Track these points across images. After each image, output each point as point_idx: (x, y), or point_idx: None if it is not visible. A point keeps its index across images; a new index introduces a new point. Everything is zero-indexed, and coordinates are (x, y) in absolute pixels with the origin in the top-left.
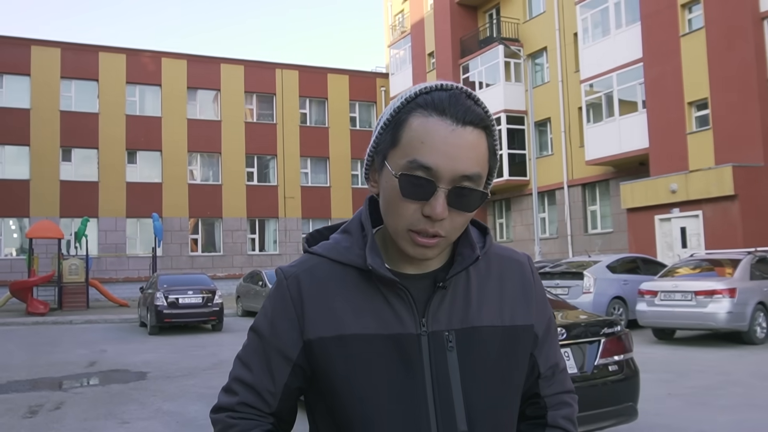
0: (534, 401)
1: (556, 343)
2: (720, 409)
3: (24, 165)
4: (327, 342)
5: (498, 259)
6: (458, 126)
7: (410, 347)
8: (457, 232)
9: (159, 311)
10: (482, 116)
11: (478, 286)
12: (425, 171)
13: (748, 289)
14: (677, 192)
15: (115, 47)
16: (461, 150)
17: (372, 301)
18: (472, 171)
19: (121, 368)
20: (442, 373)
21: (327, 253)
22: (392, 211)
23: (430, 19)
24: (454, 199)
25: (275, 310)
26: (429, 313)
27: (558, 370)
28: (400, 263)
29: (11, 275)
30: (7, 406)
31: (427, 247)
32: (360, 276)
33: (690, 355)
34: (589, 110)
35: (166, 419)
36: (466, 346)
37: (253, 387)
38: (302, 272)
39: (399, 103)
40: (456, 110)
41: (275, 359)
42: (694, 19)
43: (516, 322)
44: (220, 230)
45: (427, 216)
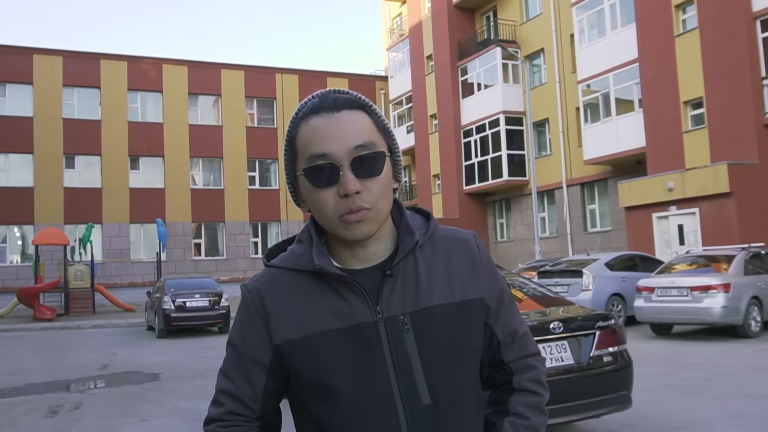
0: (500, 368)
1: (512, 311)
2: (712, 398)
3: (28, 172)
4: (293, 344)
5: (443, 241)
6: (333, 113)
7: (369, 334)
8: (380, 201)
9: (167, 315)
10: (352, 99)
11: (426, 268)
12: (323, 158)
13: (743, 284)
14: (674, 190)
15: (117, 54)
16: (344, 129)
17: (328, 300)
18: (362, 141)
19: (134, 370)
20: (402, 354)
21: (283, 263)
22: (317, 209)
23: (428, 22)
24: (358, 170)
25: (243, 322)
26: (382, 300)
27: (518, 335)
28: (349, 261)
29: (17, 282)
30: (27, 407)
31: (360, 222)
32: (314, 279)
33: (686, 349)
34: (587, 110)
35: (182, 416)
36: (421, 326)
37: (236, 396)
38: (262, 285)
39: (288, 128)
40: (326, 103)
41: (251, 367)
42: (688, 19)
43: (467, 296)
44: (222, 234)
45: (344, 195)
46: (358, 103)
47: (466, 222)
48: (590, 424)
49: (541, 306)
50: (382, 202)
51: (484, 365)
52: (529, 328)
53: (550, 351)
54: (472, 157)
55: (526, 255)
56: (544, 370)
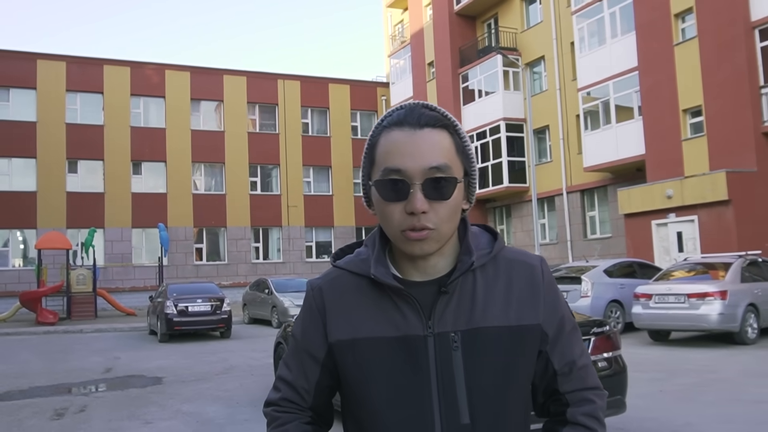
0: (556, 398)
1: (574, 341)
2: (707, 404)
3: (31, 177)
4: (343, 344)
5: (507, 263)
6: (416, 130)
7: (417, 347)
8: (445, 224)
9: (169, 319)
10: (438, 118)
11: (484, 288)
12: (396, 173)
13: (739, 291)
14: (673, 197)
15: (120, 60)
16: (422, 147)
17: (383, 307)
18: (437, 162)
19: (137, 374)
20: (447, 370)
21: (346, 266)
22: (384, 220)
23: (429, 29)
24: (429, 191)
25: (304, 317)
26: (435, 315)
27: (576, 366)
28: (410, 271)
29: (19, 286)
30: (33, 409)
31: (421, 241)
32: (373, 285)
33: (683, 356)
34: (587, 118)
35: (186, 419)
36: (471, 345)
37: (292, 384)
38: (325, 283)
39: (371, 132)
40: (411, 118)
41: (307, 360)
42: (687, 28)
43: (522, 321)
44: (224, 239)
45: (411, 213)
46: (443, 123)
47: None
48: None
49: None
50: (447, 225)
51: (539, 392)
52: (591, 361)
53: None
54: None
55: None
56: (602, 405)
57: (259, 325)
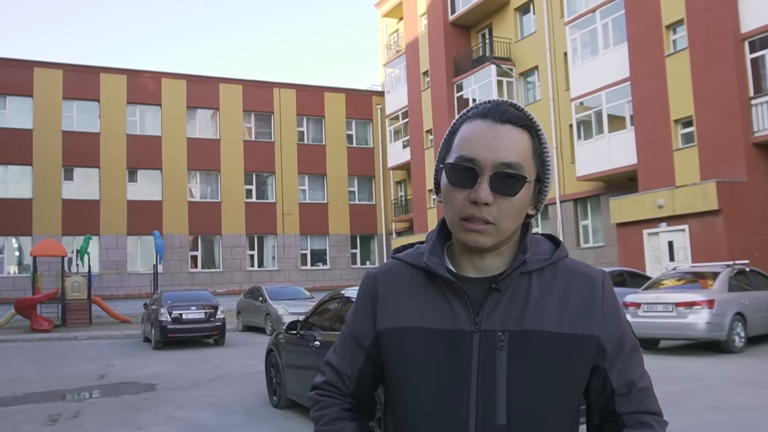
0: (612, 418)
1: (634, 361)
2: (690, 411)
3: (27, 184)
4: (391, 332)
5: (567, 271)
6: (497, 123)
7: (462, 342)
8: (506, 221)
9: (163, 326)
10: (522, 117)
11: (539, 292)
12: (469, 161)
13: (727, 300)
14: (664, 207)
15: (116, 68)
16: (500, 142)
17: (434, 299)
18: (511, 159)
19: (131, 381)
20: (489, 369)
21: (404, 257)
22: (447, 204)
23: (424, 39)
24: (496, 185)
25: (356, 304)
26: (483, 312)
27: (635, 388)
28: (465, 268)
29: (14, 293)
30: (27, 415)
31: (477, 233)
32: (427, 277)
33: (670, 364)
34: (580, 127)
35: (178, 425)
36: (517, 347)
37: (336, 369)
38: (380, 273)
39: (456, 119)
40: (496, 112)
41: (353, 347)
42: (678, 39)
43: (576, 330)
44: (219, 247)
45: (474, 202)
46: (526, 123)
47: None
48: None
49: None
50: (508, 222)
51: (595, 412)
52: (651, 385)
53: None
54: None
55: None
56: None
57: (253, 333)
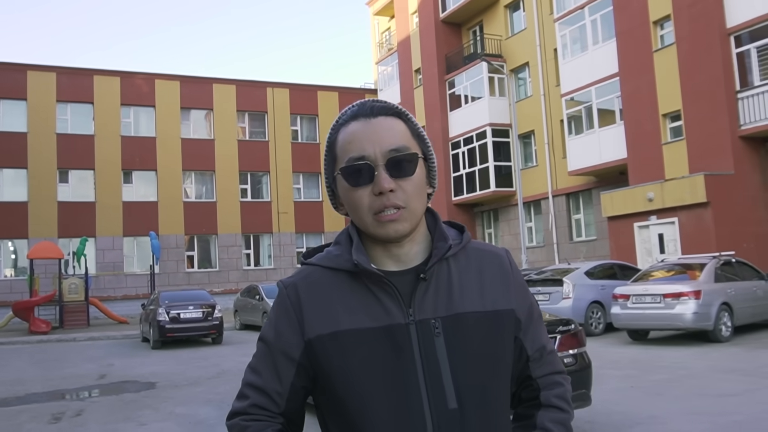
0: (527, 383)
1: (541, 327)
2: (673, 398)
3: (22, 187)
4: (324, 339)
5: (477, 252)
6: (370, 119)
7: (400, 336)
8: (414, 200)
9: (161, 326)
10: (389, 107)
11: (459, 276)
12: (359, 159)
13: (713, 291)
14: (654, 200)
15: (110, 70)
16: (379, 133)
17: (362, 299)
18: (397, 144)
19: (131, 379)
20: (431, 357)
21: (320, 261)
22: (354, 207)
23: (416, 37)
24: (393, 170)
25: (278, 316)
26: (414, 303)
27: (546, 351)
28: (384, 261)
29: (11, 296)
30: (31, 414)
31: (394, 221)
32: (350, 278)
33: (658, 353)
34: (571, 122)
35: (179, 420)
36: (452, 331)
37: (262, 389)
38: (299, 280)
39: (328, 134)
40: (364, 110)
41: (280, 361)
42: (665, 35)
43: (497, 307)
44: (215, 246)
45: (379, 193)
46: (394, 111)
47: None
48: None
49: None
50: (416, 201)
51: (512, 381)
52: (554, 347)
53: None
54: (460, 169)
55: None
56: (569, 388)
57: (251, 331)
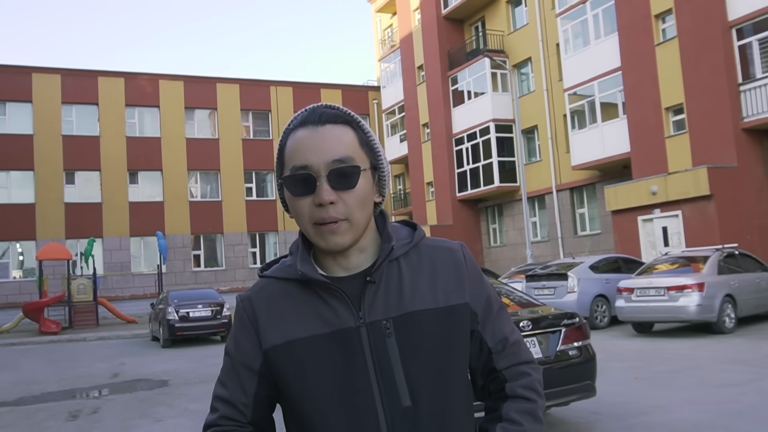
0: (493, 376)
1: (502, 318)
2: (677, 389)
3: (29, 189)
4: (279, 349)
5: (429, 250)
6: (318, 127)
7: (351, 339)
8: (355, 213)
9: (171, 325)
10: (338, 114)
11: (410, 275)
12: (303, 168)
13: (716, 283)
14: (657, 193)
15: (114, 71)
16: (325, 142)
17: (313, 306)
18: (340, 155)
19: (143, 378)
20: (383, 357)
21: (273, 273)
22: (296, 216)
23: (418, 33)
24: (334, 182)
25: (237, 330)
26: (364, 306)
27: (509, 343)
28: (334, 269)
29: (20, 297)
30: (49, 412)
31: (334, 233)
32: (301, 287)
33: (662, 346)
34: (574, 117)
35: (194, 416)
36: (403, 330)
37: (229, 401)
38: (254, 294)
39: (280, 138)
40: (313, 117)
41: (243, 372)
42: (667, 28)
43: (450, 302)
44: (221, 245)
45: (319, 204)
46: (344, 119)
47: (460, 228)
48: (562, 412)
49: (517, 308)
50: (358, 214)
51: (477, 374)
52: (522, 338)
53: None
54: (464, 165)
55: (519, 259)
56: (538, 377)
57: None
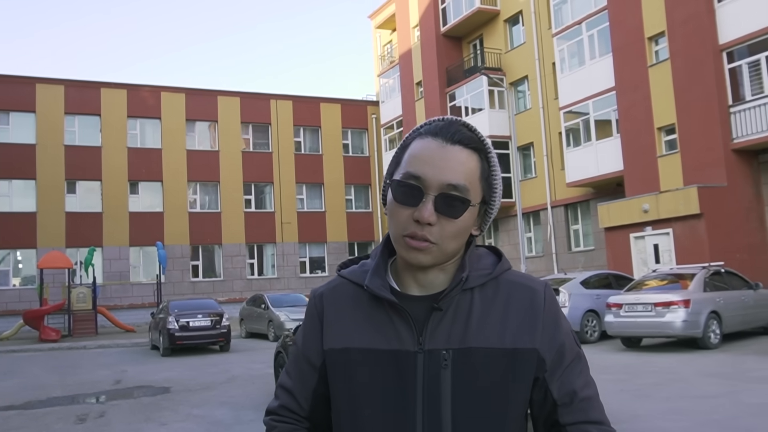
0: (556, 430)
1: (575, 370)
2: (658, 399)
3: (30, 198)
4: (336, 353)
5: (509, 285)
6: (447, 144)
7: (407, 363)
8: (448, 242)
9: (171, 334)
10: (472, 138)
11: (481, 309)
12: (415, 179)
13: (702, 300)
14: (649, 211)
15: (116, 83)
16: (448, 162)
17: (378, 319)
18: (457, 181)
19: (146, 385)
20: (434, 388)
21: (348, 275)
22: (392, 219)
23: (417, 50)
24: (441, 206)
25: (306, 323)
26: (427, 332)
27: (578, 398)
28: (409, 284)
29: (20, 305)
30: (57, 416)
31: (419, 251)
32: (371, 296)
33: (649, 360)
34: (569, 135)
35: (198, 421)
36: (461, 365)
37: (290, 391)
38: (327, 291)
39: (408, 134)
40: (447, 132)
41: (305, 366)
42: (660, 50)
43: (517, 345)
44: (220, 256)
45: (417, 220)
46: (476, 145)
47: None
48: None
49: None
50: (450, 243)
51: (539, 424)
52: (597, 394)
53: None
54: None
55: None
56: None
57: (257, 339)
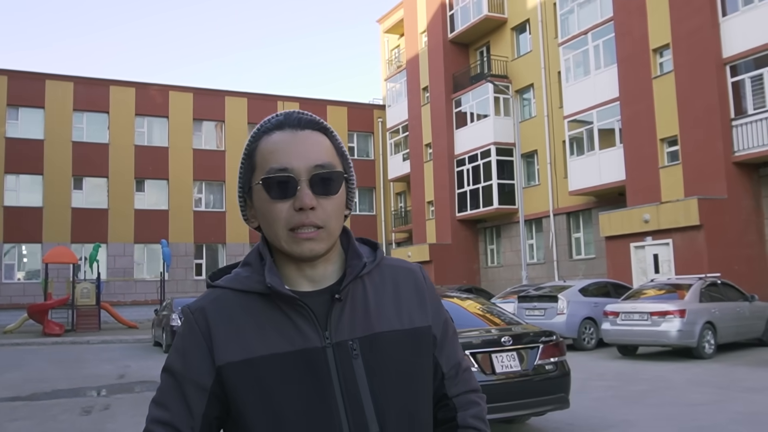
0: (443, 403)
1: (456, 343)
2: (648, 406)
3: (37, 193)
4: (236, 366)
5: (391, 269)
6: (297, 130)
7: (317, 360)
8: (333, 221)
9: (174, 331)
10: (316, 121)
11: (374, 295)
12: (283, 171)
13: (697, 310)
14: (650, 222)
15: (125, 81)
16: (307, 146)
17: (276, 322)
18: (323, 160)
19: (149, 380)
20: (350, 380)
21: (229, 284)
22: (269, 220)
23: (424, 56)
24: (316, 187)
25: (185, 344)
26: (331, 325)
27: (461, 369)
28: (298, 282)
29: (24, 298)
30: (62, 408)
31: (311, 240)
32: (262, 301)
33: (643, 368)
34: (573, 144)
35: None
36: (370, 352)
37: (171, 424)
38: (207, 304)
39: (248, 142)
40: (291, 121)
41: (191, 391)
42: (664, 62)
43: (415, 324)
44: (223, 255)
45: (299, 209)
46: (320, 126)
47: (458, 247)
48: (540, 422)
49: (504, 325)
50: (334, 222)
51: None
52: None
53: (502, 360)
54: (464, 186)
55: (515, 280)
56: (485, 407)
57: None
